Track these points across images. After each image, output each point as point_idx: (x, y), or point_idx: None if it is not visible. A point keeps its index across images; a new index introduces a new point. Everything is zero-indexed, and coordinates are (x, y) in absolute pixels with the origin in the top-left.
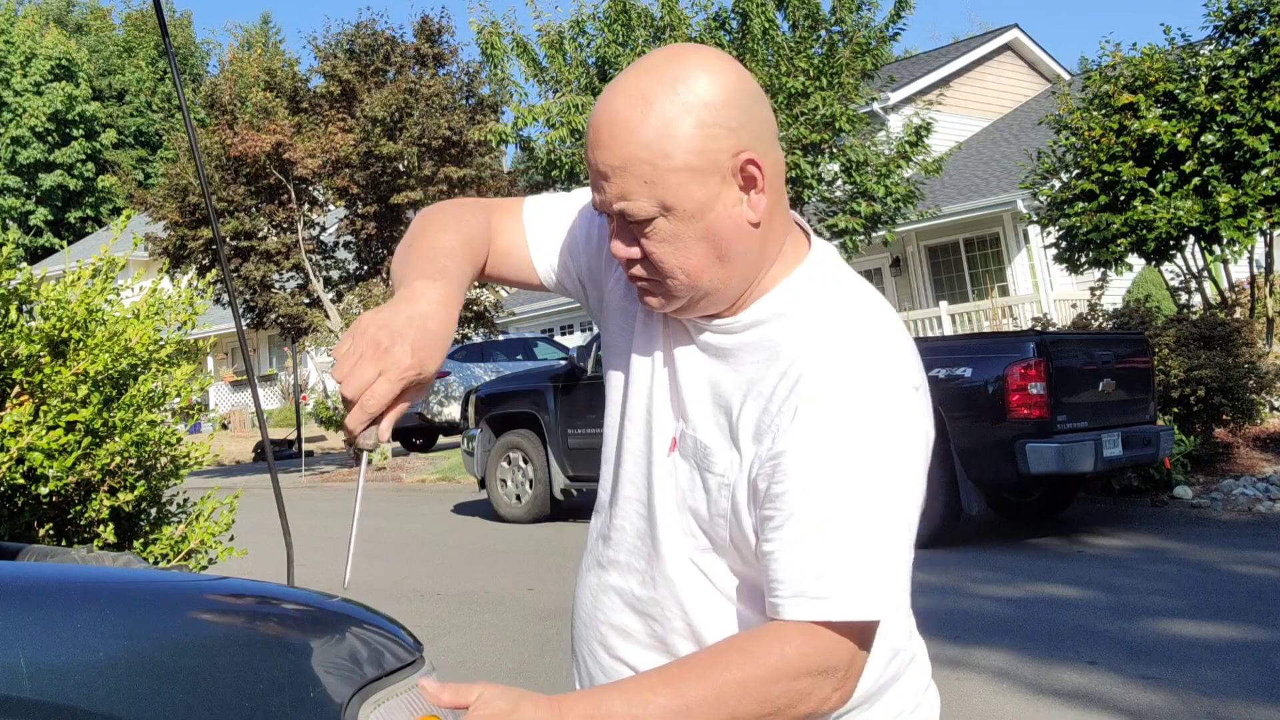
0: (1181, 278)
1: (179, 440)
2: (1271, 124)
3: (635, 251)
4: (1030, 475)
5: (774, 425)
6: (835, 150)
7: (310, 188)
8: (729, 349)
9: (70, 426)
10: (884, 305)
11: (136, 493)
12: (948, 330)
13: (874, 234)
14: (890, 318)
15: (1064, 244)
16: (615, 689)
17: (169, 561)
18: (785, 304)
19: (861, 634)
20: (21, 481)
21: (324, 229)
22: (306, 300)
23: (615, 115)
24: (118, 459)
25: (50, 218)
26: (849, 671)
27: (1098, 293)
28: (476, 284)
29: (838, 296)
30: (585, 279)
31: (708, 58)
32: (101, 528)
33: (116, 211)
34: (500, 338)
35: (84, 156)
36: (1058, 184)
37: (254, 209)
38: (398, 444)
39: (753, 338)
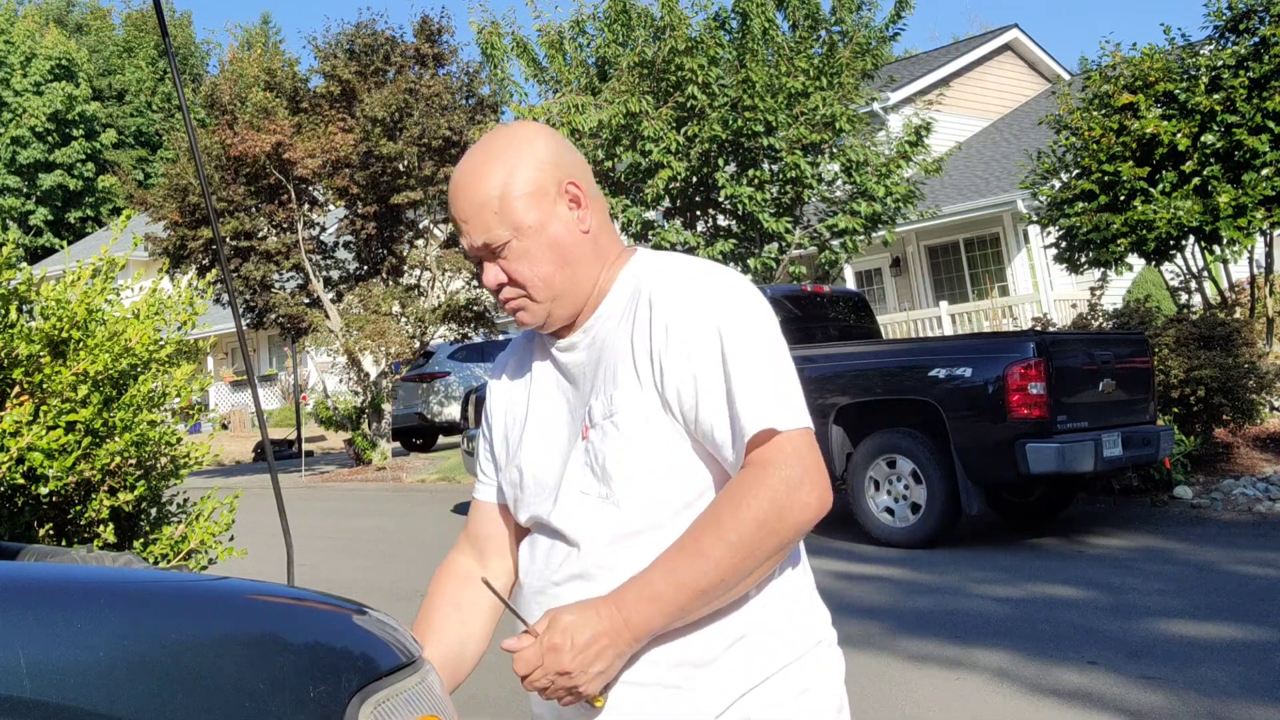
0: (1181, 278)
1: (179, 440)
2: (1271, 124)
3: (502, 276)
4: (1030, 475)
5: (654, 345)
6: (835, 150)
7: (310, 188)
8: (591, 343)
9: (70, 426)
10: (712, 263)
11: (136, 493)
12: (948, 330)
13: (874, 234)
14: (714, 264)
15: (1064, 244)
16: (651, 569)
17: (169, 561)
18: (625, 288)
19: (799, 445)
20: (21, 481)
21: (324, 229)
22: (306, 300)
23: (466, 173)
24: (118, 459)
25: (50, 218)
26: (813, 479)
27: (1098, 293)
28: (476, 284)
29: (665, 258)
30: (500, 442)
31: (528, 125)
32: (101, 528)
33: (116, 211)
34: (500, 337)
35: (84, 156)
36: (1058, 184)
37: (254, 209)
38: (398, 444)
39: (606, 327)
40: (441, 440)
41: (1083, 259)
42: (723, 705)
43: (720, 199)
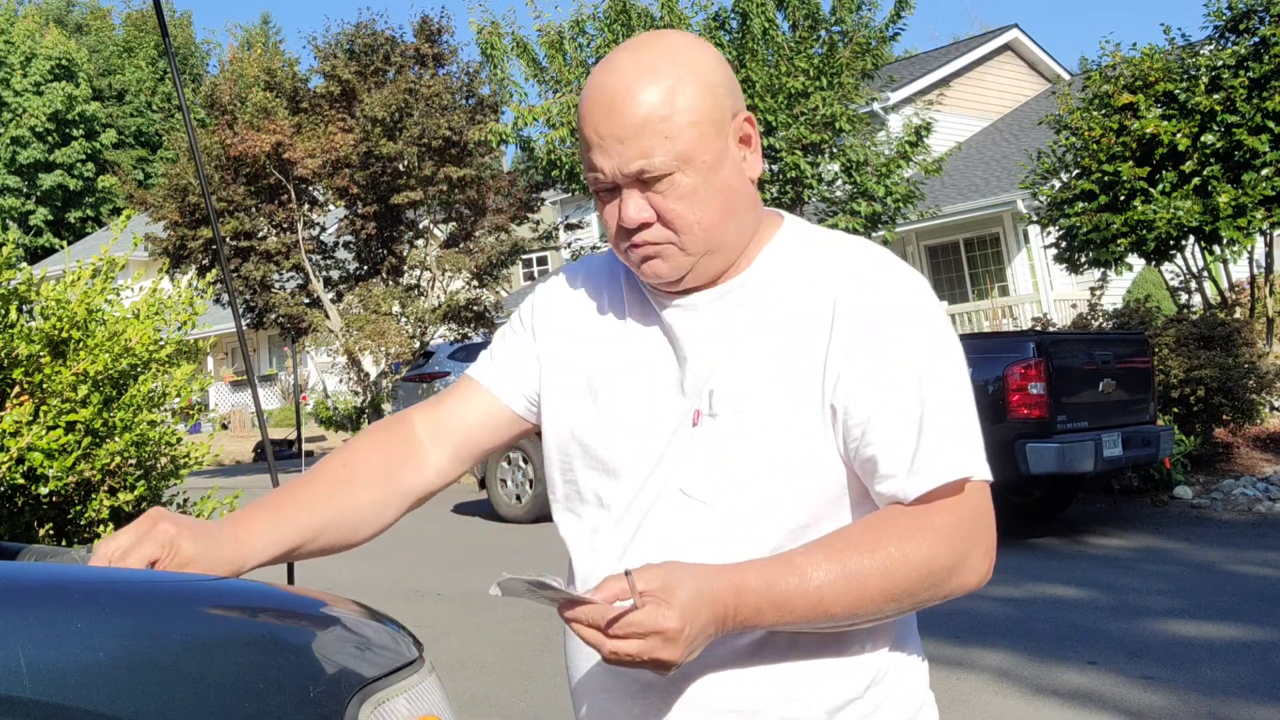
0: (1181, 278)
1: (179, 440)
2: (1271, 124)
3: (649, 213)
4: (1030, 475)
5: (832, 344)
6: (835, 150)
7: (310, 188)
8: (718, 314)
9: (70, 426)
10: (901, 261)
11: (136, 493)
12: None
13: (874, 234)
14: (904, 264)
15: (1064, 244)
16: (781, 563)
17: None
18: (772, 261)
19: (984, 503)
20: (21, 481)
21: (324, 229)
22: (306, 300)
23: (622, 84)
24: (118, 459)
25: (50, 218)
26: (988, 544)
27: (1098, 293)
28: (476, 284)
29: (832, 239)
30: (533, 373)
31: (690, 37)
32: (102, 527)
33: (116, 211)
34: None
35: (84, 156)
36: (1058, 184)
37: (254, 209)
38: None
39: (747, 295)
40: None
41: (1083, 259)
42: None
43: None
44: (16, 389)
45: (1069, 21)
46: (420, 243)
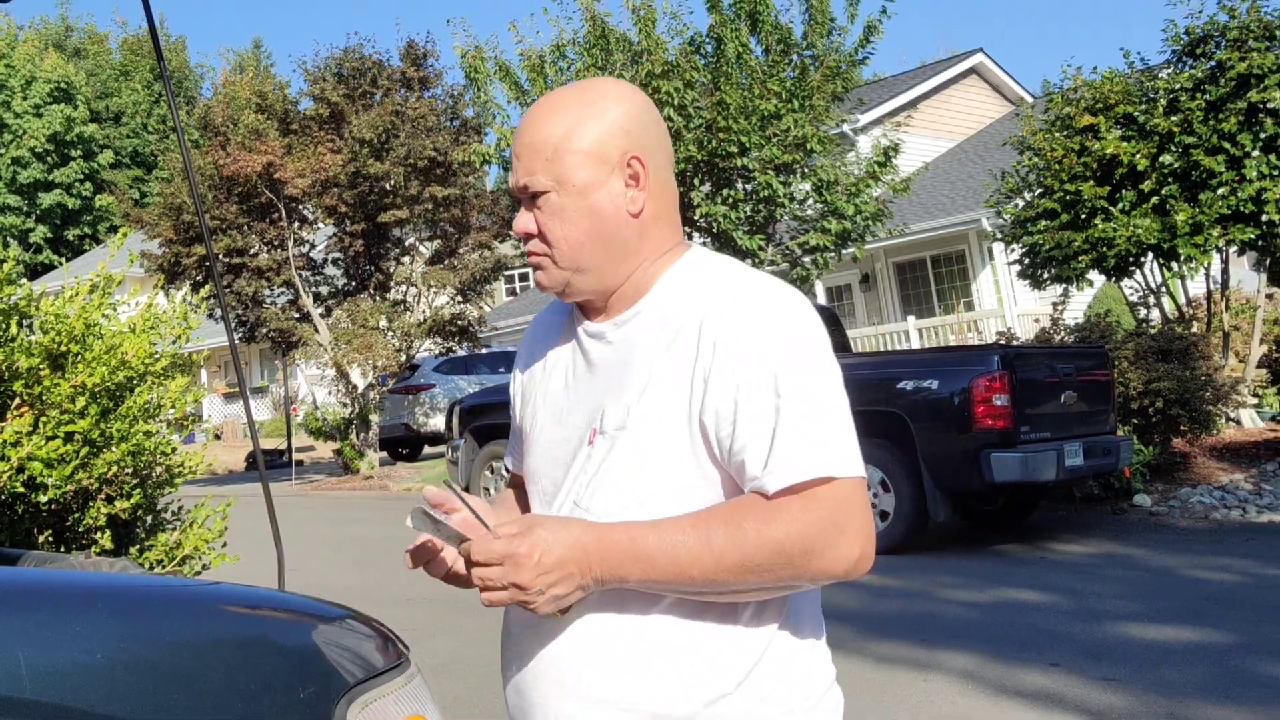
0: (1140, 293)
1: (174, 450)
2: (1227, 145)
3: (532, 226)
4: (995, 483)
5: (698, 363)
6: (807, 170)
7: (300, 206)
8: (625, 337)
9: (69, 437)
10: (780, 282)
11: (133, 501)
12: (915, 344)
13: (844, 251)
14: (782, 284)
15: (1027, 261)
16: (648, 524)
17: (164, 567)
18: (671, 288)
19: (851, 494)
20: (22, 490)
21: (313, 246)
22: (296, 315)
23: (537, 110)
24: (115, 468)
25: (49, 235)
26: (856, 532)
27: (1060, 308)
28: (460, 299)
29: (718, 265)
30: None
31: (620, 85)
32: (99, 534)
33: (113, 229)
34: (483, 351)
35: (82, 176)
36: (1021, 203)
37: (246, 227)
38: (385, 454)
39: (645, 324)
40: (427, 450)
41: (1045, 275)
42: None
43: (695, 217)
44: (17, 400)
45: (1032, 46)
46: (406, 259)
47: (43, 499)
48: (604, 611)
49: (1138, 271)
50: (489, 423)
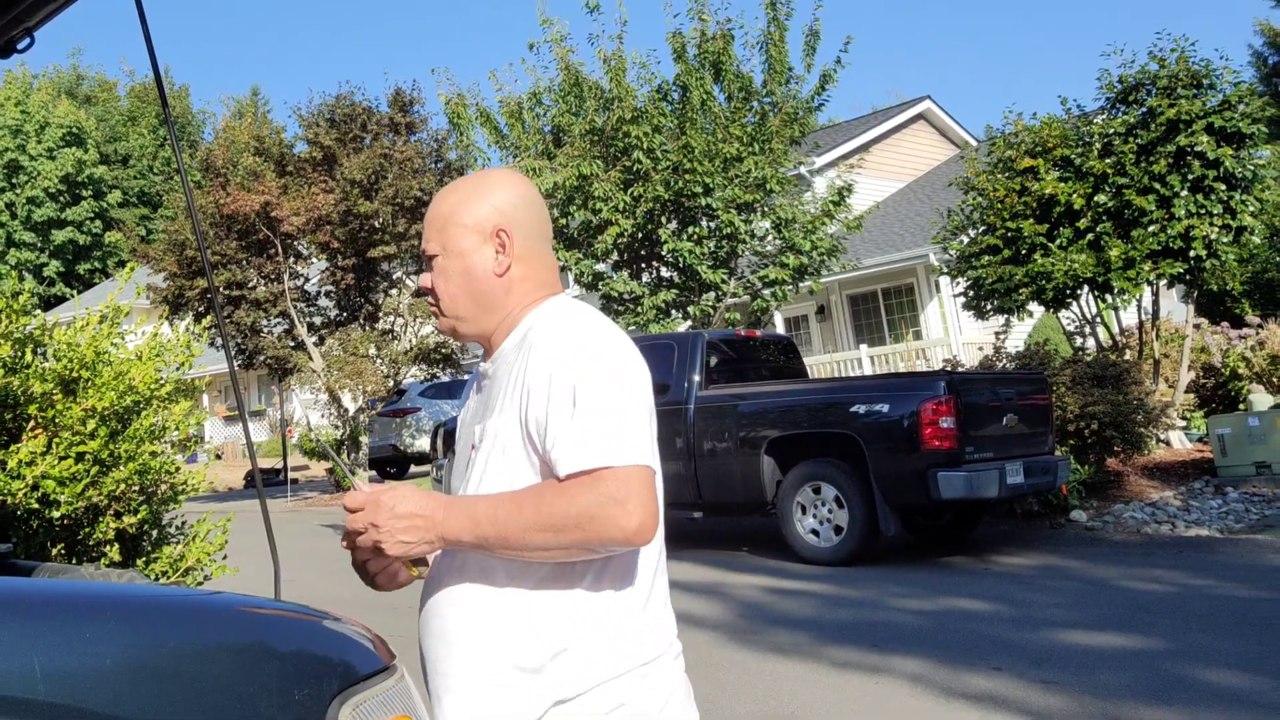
0: (1077, 323)
1: (177, 469)
2: (1157, 185)
3: (426, 283)
4: (941, 500)
5: (526, 379)
6: (766, 209)
7: (295, 242)
8: (495, 370)
9: (80, 457)
10: (599, 317)
11: (139, 516)
12: (867, 370)
13: (801, 284)
14: (600, 318)
15: (971, 293)
16: (483, 498)
17: (168, 578)
18: (523, 328)
19: (630, 476)
20: (36, 506)
21: (307, 279)
22: (292, 343)
23: (441, 192)
24: (123, 486)
25: (62, 269)
26: (635, 506)
27: (1002, 337)
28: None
29: (558, 309)
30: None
31: (509, 175)
32: (108, 547)
33: (121, 264)
34: (465, 377)
35: (92, 215)
36: (966, 239)
37: (244, 261)
38: (374, 473)
39: (506, 358)
40: (413, 469)
41: (988, 306)
42: (537, 712)
43: (663, 252)
44: (31, 423)
45: (976, 93)
46: (394, 292)
47: (55, 515)
48: (477, 583)
49: (1074, 303)
50: None
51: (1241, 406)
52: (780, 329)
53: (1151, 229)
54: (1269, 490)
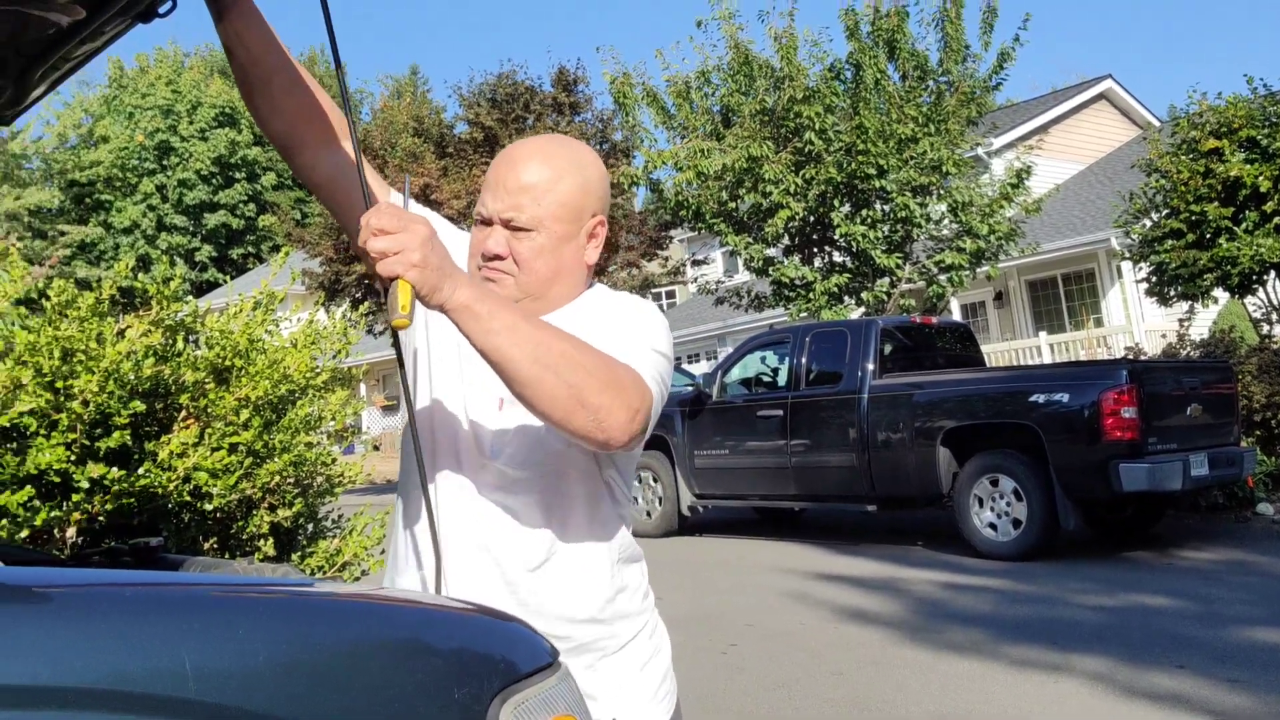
0: (1264, 310)
1: (334, 461)
2: None
3: (505, 248)
4: (1123, 493)
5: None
6: (942, 192)
7: (457, 227)
8: None
9: (233, 448)
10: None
11: (294, 509)
12: (1046, 359)
13: (978, 269)
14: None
15: (1154, 279)
16: (511, 305)
17: (324, 573)
18: (576, 304)
19: (645, 389)
20: (188, 498)
21: None
22: None
23: (527, 153)
24: (277, 478)
25: (214, 254)
26: (633, 406)
27: (1185, 324)
28: None
29: (610, 292)
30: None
31: (590, 150)
32: (262, 541)
33: (276, 248)
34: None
35: (246, 197)
36: (1148, 223)
37: None
38: None
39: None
40: None
41: (1171, 293)
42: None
43: (835, 237)
44: (183, 413)
45: (1160, 72)
46: None
47: (208, 507)
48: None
49: (1261, 289)
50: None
51: None
52: (957, 316)
53: None
54: None
